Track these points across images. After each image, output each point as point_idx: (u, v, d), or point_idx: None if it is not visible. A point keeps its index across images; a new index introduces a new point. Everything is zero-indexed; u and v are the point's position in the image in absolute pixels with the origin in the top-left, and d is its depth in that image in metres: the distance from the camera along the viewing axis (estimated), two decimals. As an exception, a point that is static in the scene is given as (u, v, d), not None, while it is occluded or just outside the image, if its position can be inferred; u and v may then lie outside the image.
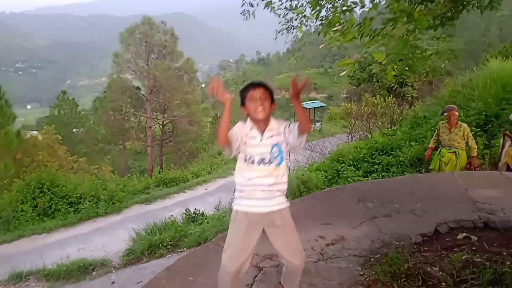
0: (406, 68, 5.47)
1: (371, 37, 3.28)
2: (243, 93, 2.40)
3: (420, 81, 19.62)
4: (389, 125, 13.83)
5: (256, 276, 3.01)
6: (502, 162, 6.10)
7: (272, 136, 2.39)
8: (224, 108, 2.22)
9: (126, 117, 31.76)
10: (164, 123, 32.29)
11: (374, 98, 16.37)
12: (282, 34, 5.35)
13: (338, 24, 3.60)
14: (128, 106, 31.78)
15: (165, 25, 31.03)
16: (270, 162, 2.38)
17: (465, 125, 6.05)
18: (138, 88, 31.60)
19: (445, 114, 6.09)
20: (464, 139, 5.90)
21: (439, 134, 6.15)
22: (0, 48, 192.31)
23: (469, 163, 6.03)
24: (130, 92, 30.75)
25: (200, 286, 2.40)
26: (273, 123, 2.42)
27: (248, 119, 2.42)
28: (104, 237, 9.75)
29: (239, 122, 2.38)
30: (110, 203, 12.50)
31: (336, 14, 3.85)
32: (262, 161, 2.38)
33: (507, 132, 6.30)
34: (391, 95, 18.79)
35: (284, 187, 2.45)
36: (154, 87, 29.63)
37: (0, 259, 8.45)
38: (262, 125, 2.39)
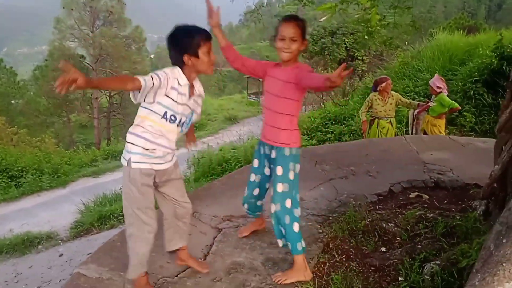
0: (365, 37, 5.49)
1: None
2: (194, 41, 2.10)
3: (370, 55, 20.07)
4: (341, 96, 14.09)
5: (215, 237, 2.94)
6: (418, 130, 6.46)
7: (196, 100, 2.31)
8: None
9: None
10: (112, 94, 30.94)
11: (325, 71, 16.55)
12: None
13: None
14: (72, 75, 30.04)
15: (111, -11, 29.31)
16: (186, 126, 2.29)
17: (395, 93, 6.20)
18: (82, 56, 29.87)
19: (381, 85, 6.10)
20: (396, 108, 6.11)
21: (372, 107, 6.17)
22: None
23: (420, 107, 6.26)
24: (74, 61, 28.85)
25: (155, 246, 2.30)
26: (199, 85, 2.31)
27: (180, 71, 2.15)
28: (49, 211, 9.28)
29: (168, 69, 2.11)
30: (55, 176, 11.92)
31: None
32: (182, 124, 2.23)
33: (420, 103, 6.68)
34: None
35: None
36: (100, 56, 28.13)
37: None
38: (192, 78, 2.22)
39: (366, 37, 5.65)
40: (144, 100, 2.10)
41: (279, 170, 2.40)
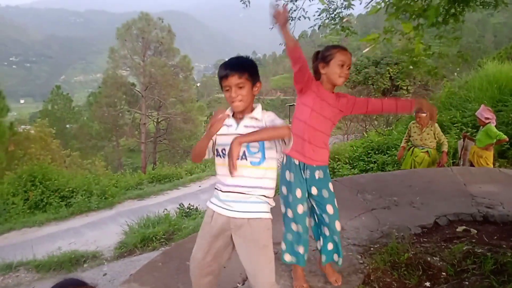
0: (411, 67, 5.46)
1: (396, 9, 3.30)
2: (219, 78, 1.98)
3: (415, 84, 19.73)
4: (385, 126, 13.86)
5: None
6: (465, 160, 6.30)
7: (251, 126, 1.94)
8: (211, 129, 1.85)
9: (120, 114, 31.62)
10: (159, 120, 32.17)
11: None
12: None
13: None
14: (122, 102, 31.65)
15: (162, 21, 30.96)
16: (243, 157, 1.92)
17: (435, 124, 6.01)
18: (133, 84, 31.48)
19: (418, 114, 6.02)
20: (435, 138, 5.89)
21: (410, 134, 6.10)
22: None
23: (441, 162, 6.05)
24: (125, 88, 30.63)
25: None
26: (257, 112, 1.97)
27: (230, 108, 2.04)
28: (96, 231, 9.63)
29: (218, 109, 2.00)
30: (103, 198, 12.38)
31: None
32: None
33: (468, 134, 6.62)
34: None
35: (264, 192, 1.98)
36: (149, 84, 29.53)
37: (-10, 251, 8.32)
38: (241, 113, 1.97)
39: (411, 66, 5.60)
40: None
41: (330, 188, 2.48)
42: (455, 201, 4.01)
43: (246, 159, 1.93)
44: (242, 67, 1.91)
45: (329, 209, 2.44)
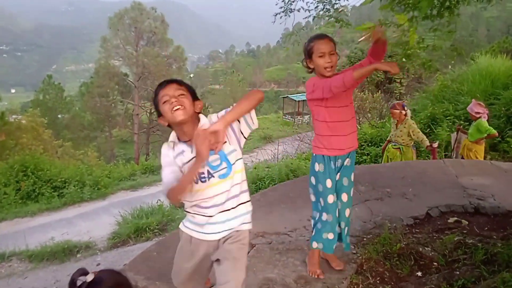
0: (403, 59, 5.46)
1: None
2: (155, 100, 1.83)
3: (409, 77, 19.79)
4: (378, 118, 13.90)
5: (248, 252, 2.98)
6: (458, 153, 6.31)
7: None
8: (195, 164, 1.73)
9: (113, 104, 31.41)
10: (152, 111, 31.92)
11: (362, 93, 16.42)
12: (281, 17, 5.26)
13: None
14: (115, 92, 31.41)
15: (155, 11, 30.66)
16: (209, 176, 1.83)
17: (410, 121, 5.88)
18: (126, 74, 31.25)
19: (391, 109, 5.99)
20: (410, 136, 5.76)
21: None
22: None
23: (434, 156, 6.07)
24: (117, 79, 30.40)
25: None
26: (203, 122, 1.83)
27: (171, 134, 1.88)
28: (88, 222, 9.59)
29: (162, 148, 1.89)
30: (96, 188, 12.31)
31: None
32: (200, 178, 1.83)
33: (461, 127, 6.64)
34: (379, 90, 18.91)
35: (245, 197, 1.94)
36: (142, 74, 29.32)
37: (-17, 241, 8.27)
38: (189, 132, 1.80)
39: (404, 59, 5.60)
40: None
41: (351, 178, 2.58)
42: (447, 193, 4.06)
43: (213, 176, 1.84)
44: (181, 81, 1.85)
45: (344, 197, 2.57)
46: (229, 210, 1.88)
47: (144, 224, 7.21)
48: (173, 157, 1.84)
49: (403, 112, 5.78)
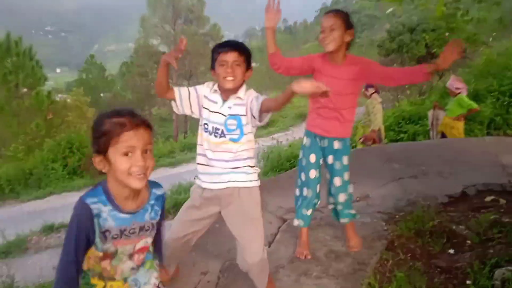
0: (446, 34, 5.24)
1: None
2: (214, 55, 2.02)
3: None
4: (418, 95, 13.49)
5: (280, 227, 3.07)
6: (436, 131, 6.24)
7: (234, 105, 2.01)
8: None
9: (152, 83, 31.98)
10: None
11: (402, 68, 15.90)
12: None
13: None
14: (154, 72, 31.94)
15: (192, -11, 30.65)
16: (222, 135, 2.02)
17: (370, 100, 5.77)
18: (164, 53, 31.62)
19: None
20: (369, 114, 5.67)
21: None
22: (30, 11, 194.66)
23: (363, 137, 5.89)
24: (156, 58, 30.79)
25: (227, 233, 2.41)
26: (242, 92, 2.02)
27: (217, 83, 2.09)
28: (131, 197, 10.04)
29: (205, 84, 2.13)
30: (137, 165, 12.81)
31: None
32: (215, 131, 2.03)
33: (438, 104, 6.60)
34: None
35: (243, 164, 2.05)
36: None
37: (33, 213, 8.85)
38: (229, 92, 2.02)
39: (447, 33, 5.39)
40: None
41: (344, 162, 2.53)
42: (485, 171, 3.96)
43: (225, 137, 2.02)
44: (242, 49, 2.00)
45: (336, 181, 2.55)
46: (237, 168, 2.05)
47: (183, 200, 7.43)
48: (203, 95, 2.08)
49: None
